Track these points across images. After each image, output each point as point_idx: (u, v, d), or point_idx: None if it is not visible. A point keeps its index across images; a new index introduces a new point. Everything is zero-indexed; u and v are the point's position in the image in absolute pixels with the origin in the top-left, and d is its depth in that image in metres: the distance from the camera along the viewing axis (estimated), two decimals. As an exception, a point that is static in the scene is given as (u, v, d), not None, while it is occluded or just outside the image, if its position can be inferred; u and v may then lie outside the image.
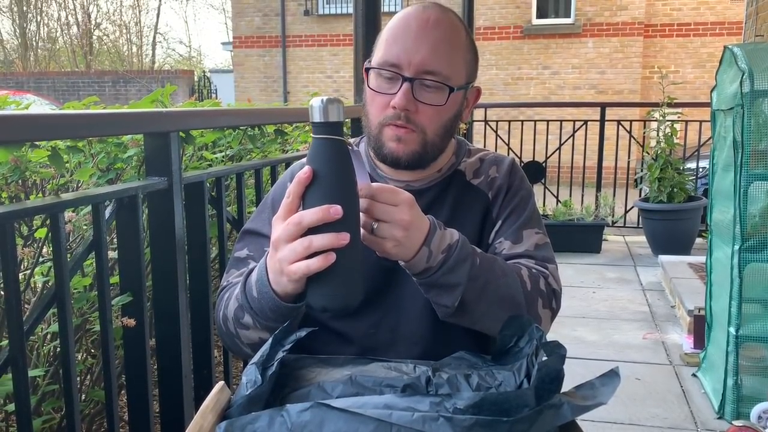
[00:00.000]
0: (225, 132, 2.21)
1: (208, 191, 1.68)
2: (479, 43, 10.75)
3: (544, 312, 1.00)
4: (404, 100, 0.99)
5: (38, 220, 1.71)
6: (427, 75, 1.00)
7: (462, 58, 1.04)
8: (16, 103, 2.00)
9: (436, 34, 1.00)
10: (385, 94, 1.02)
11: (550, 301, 1.01)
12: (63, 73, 15.23)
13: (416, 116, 1.01)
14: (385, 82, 1.02)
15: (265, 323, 0.93)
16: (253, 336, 0.96)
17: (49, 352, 1.71)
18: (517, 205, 1.09)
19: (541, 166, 5.61)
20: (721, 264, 2.51)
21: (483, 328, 0.99)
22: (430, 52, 0.99)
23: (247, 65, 12.69)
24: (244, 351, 1.01)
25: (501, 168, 1.13)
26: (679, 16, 10.72)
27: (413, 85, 0.99)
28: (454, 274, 0.91)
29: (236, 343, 1.00)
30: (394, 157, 1.03)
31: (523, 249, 1.06)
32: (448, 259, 0.91)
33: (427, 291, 0.94)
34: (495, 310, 0.95)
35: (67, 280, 1.21)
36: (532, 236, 1.07)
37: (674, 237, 4.77)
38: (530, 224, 1.09)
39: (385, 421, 0.68)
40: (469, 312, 0.95)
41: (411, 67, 0.99)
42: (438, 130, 1.03)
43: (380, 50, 1.03)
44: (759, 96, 2.24)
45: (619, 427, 2.36)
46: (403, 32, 1.01)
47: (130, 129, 1.47)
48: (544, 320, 1.01)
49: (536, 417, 0.68)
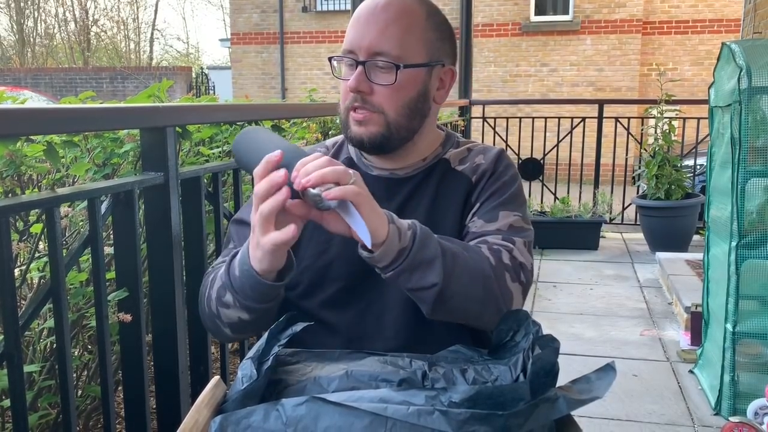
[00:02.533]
0: (222, 127, 2.21)
1: (205, 187, 1.68)
2: (477, 40, 10.78)
3: (514, 286, 0.99)
4: (356, 82, 1.03)
5: (34, 215, 1.71)
6: (377, 57, 1.03)
7: (418, 37, 1.05)
8: (13, 99, 1.99)
9: (384, 16, 1.03)
10: (346, 80, 1.05)
11: (517, 274, 1.00)
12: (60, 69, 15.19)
13: (372, 97, 1.04)
14: (346, 68, 1.07)
15: (244, 302, 0.95)
16: (233, 315, 0.98)
17: (45, 348, 1.71)
18: (498, 188, 1.08)
19: (539, 163, 5.61)
20: (718, 261, 2.52)
21: (466, 316, 0.97)
22: (378, 34, 1.02)
23: (245, 62, 12.67)
24: (223, 332, 1.02)
25: (488, 156, 1.13)
26: (677, 14, 10.72)
27: (365, 66, 1.03)
28: (427, 248, 0.91)
29: (216, 324, 1.02)
30: (357, 140, 1.06)
31: (494, 227, 1.04)
32: (416, 234, 0.91)
33: (409, 278, 0.91)
34: (470, 288, 0.94)
35: (63, 275, 1.21)
36: (508, 217, 1.05)
37: (672, 234, 4.77)
38: (509, 206, 1.07)
39: (381, 414, 0.68)
40: (450, 294, 0.92)
41: (362, 50, 1.03)
42: (399, 109, 1.05)
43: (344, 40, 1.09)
44: (757, 93, 2.24)
45: (616, 423, 2.36)
46: (356, 19, 1.05)
47: (127, 124, 1.46)
48: (516, 295, 0.99)
49: (532, 411, 0.68)
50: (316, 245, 1.07)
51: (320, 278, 1.06)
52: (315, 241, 1.07)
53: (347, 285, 1.05)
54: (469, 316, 0.97)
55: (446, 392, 0.70)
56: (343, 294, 1.05)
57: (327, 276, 1.06)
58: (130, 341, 1.44)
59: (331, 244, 1.06)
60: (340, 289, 1.05)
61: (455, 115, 5.44)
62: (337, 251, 1.06)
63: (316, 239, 1.07)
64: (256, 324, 1.00)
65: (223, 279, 0.98)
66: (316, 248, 1.07)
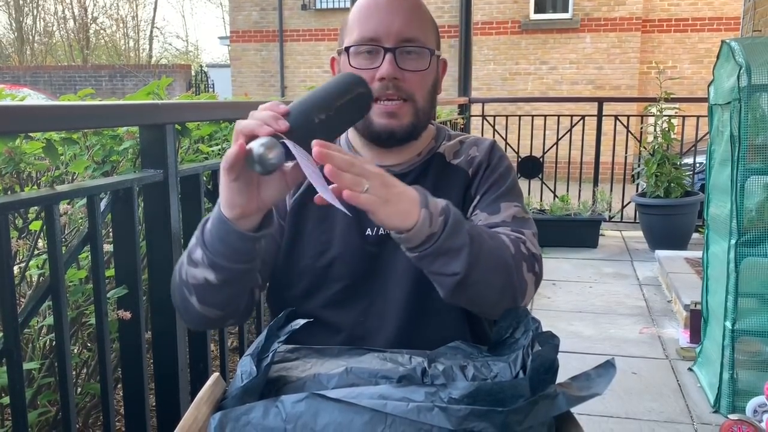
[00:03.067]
0: (221, 125, 2.21)
1: (204, 184, 1.68)
2: (477, 38, 10.77)
3: (529, 276, 0.98)
4: (391, 69, 1.00)
5: (33, 213, 1.71)
6: (406, 42, 1.02)
7: (431, 25, 1.08)
8: (12, 96, 1.99)
9: (407, 3, 1.04)
10: (368, 70, 1.02)
11: (532, 265, 0.99)
12: (59, 67, 15.17)
13: (404, 84, 1.02)
14: (365, 59, 1.03)
15: (212, 258, 0.88)
16: (199, 275, 0.91)
17: (44, 345, 1.71)
18: (496, 180, 1.08)
19: (539, 162, 5.60)
20: (717, 259, 2.52)
21: (482, 303, 0.95)
22: (406, 20, 1.02)
23: (244, 60, 12.65)
24: (191, 306, 0.95)
25: (481, 147, 1.12)
26: (677, 12, 10.71)
27: (395, 53, 1.01)
28: (457, 236, 0.87)
29: (184, 294, 0.95)
30: (388, 131, 1.03)
31: (499, 219, 1.04)
32: (448, 220, 0.87)
33: (432, 262, 0.88)
34: (492, 276, 0.92)
35: (62, 272, 1.20)
36: (510, 208, 1.06)
37: (671, 232, 4.77)
38: (508, 197, 1.07)
39: (380, 411, 0.68)
40: (471, 282, 0.90)
41: (390, 37, 1.01)
42: (426, 95, 1.05)
43: (353, 32, 1.04)
44: (756, 90, 2.24)
45: (616, 421, 2.36)
46: (375, 8, 1.03)
47: (126, 121, 1.46)
48: (530, 285, 0.98)
49: (531, 407, 0.68)
50: (316, 245, 1.05)
51: (321, 279, 1.04)
52: (314, 241, 1.05)
53: (349, 285, 1.03)
54: (485, 303, 0.95)
55: (446, 389, 0.70)
56: (345, 294, 1.03)
57: (328, 276, 1.04)
58: (129, 339, 1.43)
59: (331, 243, 1.05)
60: (341, 289, 1.03)
61: (455, 113, 5.44)
62: (338, 251, 1.04)
63: (316, 239, 1.05)
64: (222, 293, 0.93)
65: (196, 235, 0.92)
66: (316, 248, 1.05)
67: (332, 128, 0.87)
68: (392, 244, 0.99)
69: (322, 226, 1.06)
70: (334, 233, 1.06)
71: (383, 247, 1.03)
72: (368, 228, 1.05)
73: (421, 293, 1.00)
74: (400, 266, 1.02)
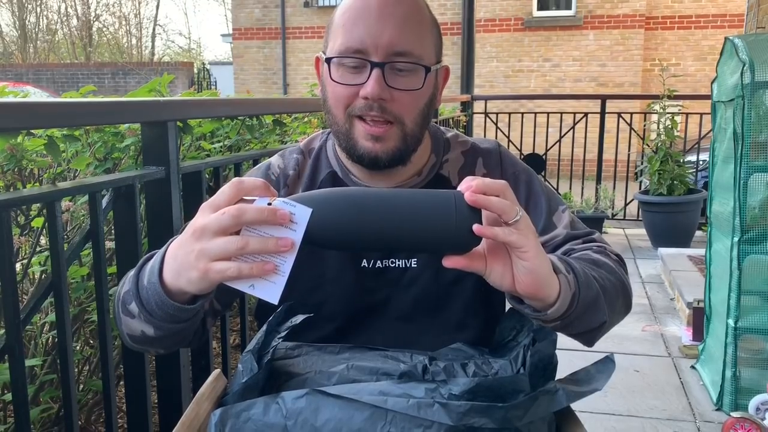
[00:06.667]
0: (223, 122, 2.21)
1: (206, 181, 1.68)
2: (479, 36, 10.75)
3: (626, 277, 0.92)
4: (378, 88, 0.86)
5: (35, 210, 1.71)
6: (398, 57, 0.87)
7: (430, 33, 0.92)
8: (15, 94, 1.99)
9: (401, 9, 0.87)
10: (351, 86, 0.88)
11: (623, 266, 0.93)
12: (62, 65, 15.19)
13: (392, 105, 0.88)
14: (350, 72, 0.88)
15: (149, 317, 0.77)
16: (135, 327, 0.80)
17: (46, 342, 1.72)
18: (528, 195, 0.98)
19: (542, 159, 5.60)
20: (720, 256, 2.51)
21: (612, 326, 0.90)
22: (399, 30, 0.86)
23: (246, 57, 12.65)
24: (126, 341, 0.85)
25: (489, 161, 1.00)
26: (681, 9, 10.68)
27: (384, 70, 0.86)
28: (589, 287, 0.79)
29: (122, 330, 0.84)
30: (371, 157, 0.90)
31: (560, 236, 0.94)
32: (577, 272, 0.78)
33: (579, 323, 0.79)
34: (618, 302, 0.87)
35: (64, 269, 1.21)
36: (560, 216, 0.97)
37: (674, 230, 4.77)
38: (550, 205, 0.98)
39: (381, 407, 0.68)
40: (612, 322, 0.86)
41: (379, 50, 0.86)
42: (416, 118, 0.90)
43: (338, 37, 0.89)
44: (760, 87, 2.23)
45: (618, 418, 2.36)
46: (364, 13, 0.87)
47: (128, 118, 1.46)
48: (630, 288, 0.93)
49: (531, 403, 0.68)
50: (307, 280, 0.93)
51: (312, 318, 0.89)
52: (305, 276, 0.91)
53: (342, 326, 0.94)
54: (614, 325, 0.91)
55: (446, 385, 0.70)
56: (338, 334, 0.93)
57: (320, 315, 0.92)
58: (131, 335, 1.44)
59: (323, 280, 0.94)
60: (334, 330, 0.94)
61: (457, 110, 5.43)
62: (331, 289, 0.93)
63: (307, 274, 0.92)
64: (164, 342, 0.82)
65: (131, 282, 0.79)
66: (307, 284, 0.93)
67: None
68: (391, 277, 0.93)
69: (315, 256, 0.92)
70: (326, 265, 0.94)
71: (381, 281, 0.94)
72: (364, 259, 0.94)
73: (422, 331, 0.93)
74: (401, 304, 0.93)
